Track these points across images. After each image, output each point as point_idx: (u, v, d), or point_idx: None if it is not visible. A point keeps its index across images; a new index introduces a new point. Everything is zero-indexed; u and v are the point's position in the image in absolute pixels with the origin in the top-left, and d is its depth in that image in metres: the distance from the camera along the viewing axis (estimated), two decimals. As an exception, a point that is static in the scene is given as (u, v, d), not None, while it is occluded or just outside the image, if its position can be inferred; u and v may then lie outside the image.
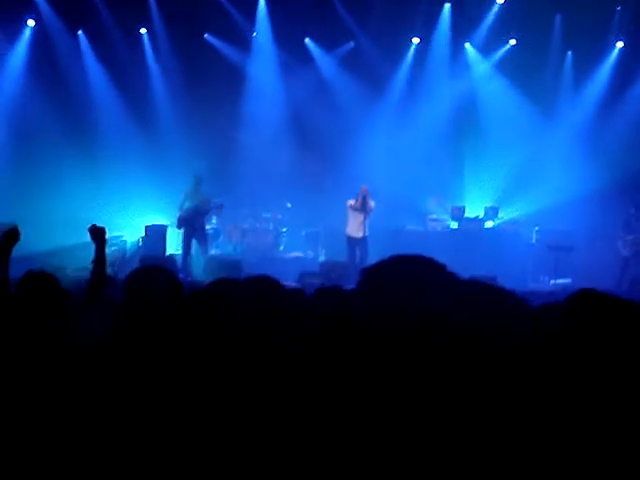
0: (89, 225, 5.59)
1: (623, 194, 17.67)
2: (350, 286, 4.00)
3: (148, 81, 20.02)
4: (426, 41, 19.92)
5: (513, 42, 19.76)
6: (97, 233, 5.50)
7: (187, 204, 16.81)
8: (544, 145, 19.40)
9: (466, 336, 2.43)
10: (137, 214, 19.21)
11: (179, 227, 16.88)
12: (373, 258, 15.73)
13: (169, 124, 19.75)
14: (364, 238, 16.60)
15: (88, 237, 5.56)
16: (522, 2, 18.90)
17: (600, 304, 2.67)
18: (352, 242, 16.63)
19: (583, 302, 2.71)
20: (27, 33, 19.06)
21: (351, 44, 20.15)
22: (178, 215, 16.84)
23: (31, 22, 18.99)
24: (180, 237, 16.97)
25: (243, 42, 19.93)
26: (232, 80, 19.88)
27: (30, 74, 18.86)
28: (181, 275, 14.95)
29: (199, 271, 16.12)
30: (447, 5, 19.66)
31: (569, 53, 19.82)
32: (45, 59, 18.86)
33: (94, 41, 19.42)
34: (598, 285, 11.24)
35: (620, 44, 19.47)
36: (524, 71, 19.36)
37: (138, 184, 18.94)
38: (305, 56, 20.17)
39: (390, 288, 2.48)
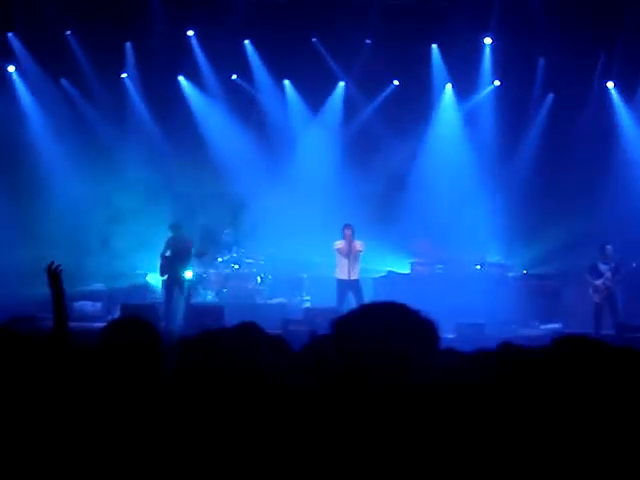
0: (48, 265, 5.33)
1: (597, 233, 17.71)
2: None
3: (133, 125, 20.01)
4: (413, 83, 19.95)
5: (497, 83, 19.85)
6: (54, 276, 5.24)
7: (168, 251, 16.64)
8: (526, 187, 19.43)
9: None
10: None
11: (161, 275, 16.74)
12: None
13: (152, 169, 19.63)
14: (356, 281, 16.31)
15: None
16: (507, 44, 19.00)
17: (587, 349, 2.73)
18: (342, 285, 16.29)
19: (569, 347, 2.78)
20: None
21: (339, 85, 20.24)
22: (160, 263, 16.69)
23: (11, 68, 19.19)
24: (162, 285, 16.85)
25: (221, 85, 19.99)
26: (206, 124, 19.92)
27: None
28: (163, 324, 14.78)
29: (180, 320, 15.96)
30: (434, 46, 19.69)
31: (550, 95, 19.87)
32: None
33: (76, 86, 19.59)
34: (587, 329, 11.21)
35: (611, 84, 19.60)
36: (509, 112, 19.46)
37: (122, 229, 18.84)
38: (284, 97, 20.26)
39: (356, 338, 2.47)
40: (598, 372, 2.67)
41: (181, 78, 20.05)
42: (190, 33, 19.56)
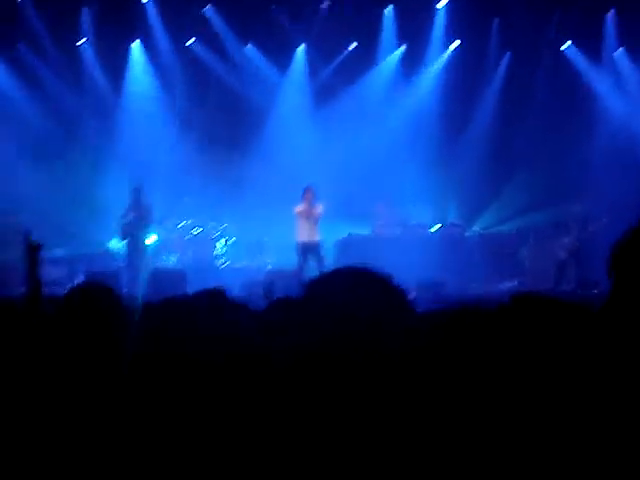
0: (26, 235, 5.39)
1: (565, 193, 17.87)
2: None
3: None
4: (372, 46, 19.95)
5: (457, 43, 19.90)
6: (32, 251, 5.30)
7: (129, 216, 16.58)
8: (483, 147, 19.51)
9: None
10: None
11: (123, 239, 16.70)
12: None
13: (106, 133, 19.52)
14: (317, 243, 16.32)
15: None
16: (462, 5, 19.01)
17: (540, 308, 2.71)
18: (303, 248, 16.27)
19: (522, 306, 2.76)
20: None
21: (296, 49, 20.16)
22: (120, 227, 16.64)
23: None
24: (124, 250, 16.81)
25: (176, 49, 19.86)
26: (172, 84, 19.87)
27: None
28: (125, 290, 14.77)
29: (143, 285, 15.92)
30: (389, 7, 19.66)
31: (508, 54, 19.97)
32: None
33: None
34: (544, 286, 11.32)
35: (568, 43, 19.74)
36: (468, 73, 19.54)
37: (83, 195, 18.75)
38: (249, 62, 20.17)
39: (329, 301, 2.45)
40: (545, 331, 2.71)
41: (135, 45, 19.88)
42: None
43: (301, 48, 20.17)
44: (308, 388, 2.35)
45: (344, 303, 2.40)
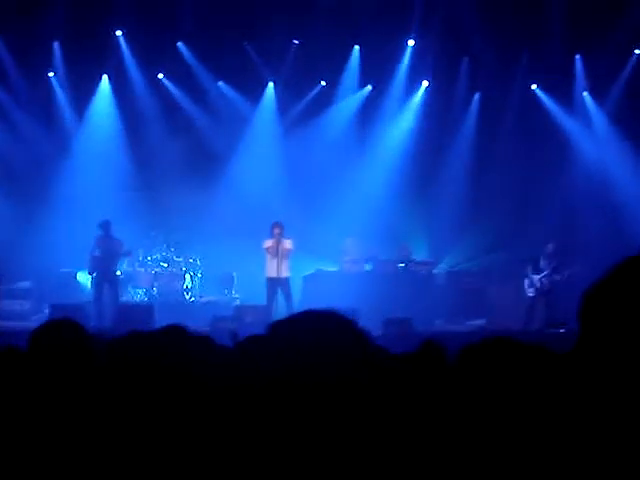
0: None
1: (534, 231, 17.99)
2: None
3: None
4: (339, 85, 20.16)
5: (426, 84, 20.07)
6: None
7: (98, 250, 16.52)
8: (451, 186, 19.64)
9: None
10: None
11: (90, 273, 16.65)
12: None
13: (80, 167, 19.46)
14: (285, 279, 16.33)
15: None
16: (431, 45, 19.23)
17: (510, 352, 2.71)
18: (272, 284, 16.29)
19: (490, 350, 2.76)
20: None
21: (267, 86, 20.29)
22: (89, 261, 16.59)
23: None
24: (91, 283, 16.73)
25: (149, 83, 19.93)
26: (140, 117, 19.86)
27: None
28: (92, 324, 14.68)
29: (110, 319, 15.83)
30: (356, 47, 19.84)
31: (477, 95, 20.17)
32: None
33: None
34: (511, 325, 11.38)
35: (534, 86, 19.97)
36: (436, 112, 19.73)
37: (44, 228, 18.65)
38: (220, 97, 20.24)
39: (293, 342, 2.45)
40: (510, 374, 2.73)
41: (104, 78, 19.92)
42: (119, 33, 19.48)
43: (270, 85, 20.26)
44: (268, 420, 2.36)
45: (308, 343, 2.41)
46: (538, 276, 16.78)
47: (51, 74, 19.69)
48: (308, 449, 2.30)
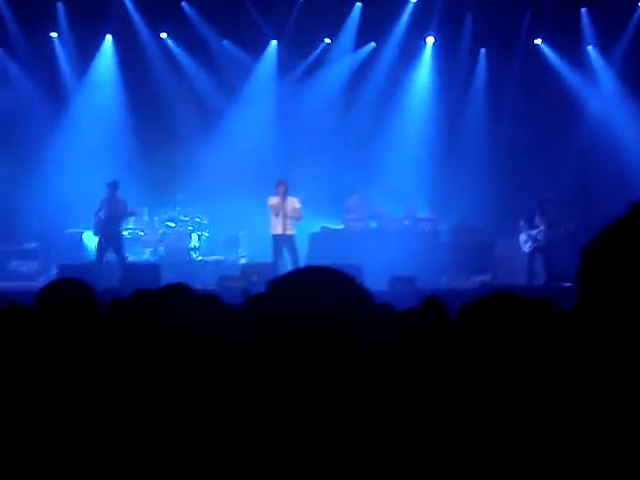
0: None
1: (535, 187, 17.99)
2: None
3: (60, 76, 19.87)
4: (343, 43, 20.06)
5: (431, 40, 19.95)
6: None
7: (103, 211, 16.55)
8: (456, 142, 19.59)
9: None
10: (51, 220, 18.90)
11: (95, 234, 16.68)
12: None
13: (83, 127, 19.42)
14: (291, 237, 16.28)
15: None
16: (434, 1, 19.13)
17: (510, 307, 2.71)
18: (278, 241, 16.27)
19: (494, 306, 2.75)
20: None
21: (273, 44, 20.17)
22: (94, 222, 16.62)
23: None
24: (97, 244, 16.76)
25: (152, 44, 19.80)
26: (145, 79, 19.76)
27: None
28: (100, 284, 14.72)
29: (116, 279, 15.89)
30: (358, 4, 19.71)
31: (482, 50, 20.05)
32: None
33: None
34: (515, 281, 11.42)
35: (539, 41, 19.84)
36: (443, 69, 19.65)
37: (53, 190, 18.66)
38: (225, 57, 20.13)
39: (290, 301, 2.46)
40: (512, 327, 2.71)
41: (108, 38, 19.84)
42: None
43: (273, 43, 20.16)
44: (270, 378, 2.38)
45: (307, 299, 2.42)
46: (534, 232, 16.77)
47: (54, 34, 19.60)
48: (310, 408, 2.31)
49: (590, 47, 19.83)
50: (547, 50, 19.94)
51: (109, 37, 19.80)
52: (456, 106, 19.94)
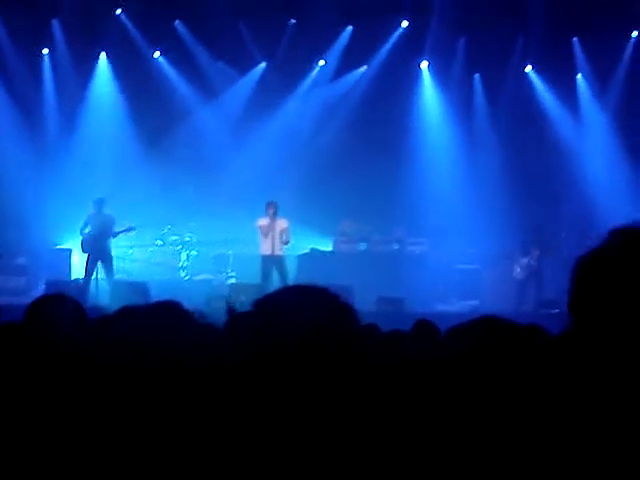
0: None
1: (526, 214, 18.07)
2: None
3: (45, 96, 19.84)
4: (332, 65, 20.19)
5: (425, 64, 20.09)
6: None
7: (90, 228, 16.49)
8: (452, 165, 19.65)
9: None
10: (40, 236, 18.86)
11: (83, 251, 16.62)
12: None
13: (67, 143, 19.44)
14: (280, 258, 16.37)
15: None
16: (426, 25, 19.24)
17: (500, 331, 2.71)
18: (267, 262, 16.37)
19: (483, 329, 2.75)
20: None
21: (261, 66, 20.24)
22: (81, 239, 16.56)
23: None
24: (85, 261, 16.71)
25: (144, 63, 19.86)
26: (138, 97, 19.76)
27: None
28: (88, 301, 14.70)
29: (105, 297, 15.85)
30: (348, 27, 19.83)
31: (476, 76, 20.15)
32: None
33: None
34: (504, 306, 11.42)
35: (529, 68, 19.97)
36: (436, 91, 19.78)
37: (42, 206, 18.63)
38: (221, 79, 20.21)
39: (275, 320, 2.45)
40: (505, 353, 2.71)
41: (102, 56, 19.89)
42: (118, 11, 19.46)
43: (262, 65, 20.29)
44: (253, 397, 2.38)
45: (291, 320, 2.41)
46: (526, 258, 16.90)
47: (45, 51, 19.62)
48: (293, 425, 2.30)
49: (579, 76, 19.96)
50: (536, 78, 20.05)
51: (103, 55, 19.83)
52: (454, 131, 19.96)
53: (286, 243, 16.41)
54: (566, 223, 18.47)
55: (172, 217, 18.97)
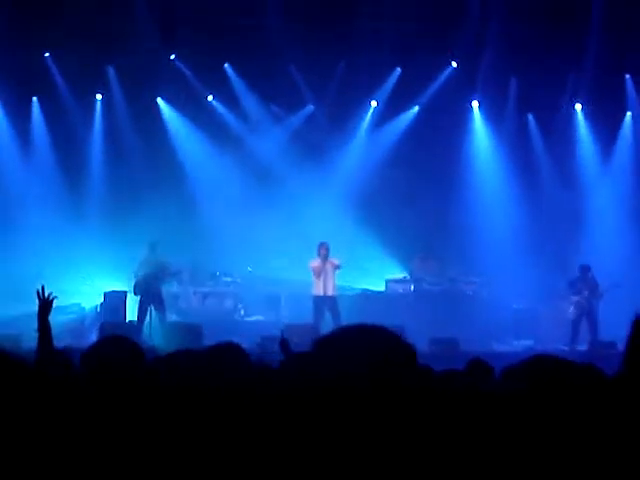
0: (38, 288, 5.51)
1: (576, 253, 17.95)
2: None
3: (103, 145, 20.03)
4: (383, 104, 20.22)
5: (476, 104, 20.05)
6: (43, 301, 5.40)
7: (143, 270, 16.61)
8: (505, 203, 19.56)
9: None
10: (95, 280, 19.02)
11: (135, 294, 16.71)
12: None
13: (123, 187, 19.60)
14: (332, 297, 16.47)
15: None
16: (476, 65, 19.26)
17: (555, 369, 2.73)
18: (319, 302, 16.46)
19: (538, 367, 2.78)
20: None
21: (310, 108, 20.33)
22: (134, 282, 16.68)
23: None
24: (138, 304, 16.80)
25: (197, 106, 20.02)
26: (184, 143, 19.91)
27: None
28: (143, 342, 14.78)
29: (158, 338, 15.91)
30: (397, 69, 19.91)
31: (530, 116, 20.07)
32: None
33: (48, 107, 19.55)
34: (558, 345, 11.26)
35: (579, 106, 19.86)
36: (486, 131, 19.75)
37: (95, 249, 18.81)
38: (263, 120, 20.30)
39: (339, 360, 2.44)
40: (562, 393, 2.69)
41: (160, 100, 20.14)
42: (172, 57, 19.69)
43: (310, 108, 20.39)
44: (315, 438, 2.36)
45: (353, 358, 2.42)
46: (577, 297, 16.82)
47: (99, 96, 19.93)
48: (354, 460, 2.30)
49: (629, 114, 19.87)
50: (581, 117, 19.98)
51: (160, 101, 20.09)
52: (508, 169, 19.87)
53: (338, 267, 16.49)
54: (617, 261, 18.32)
55: (225, 260, 19.04)
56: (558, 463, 2.35)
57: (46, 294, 5.52)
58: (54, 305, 5.48)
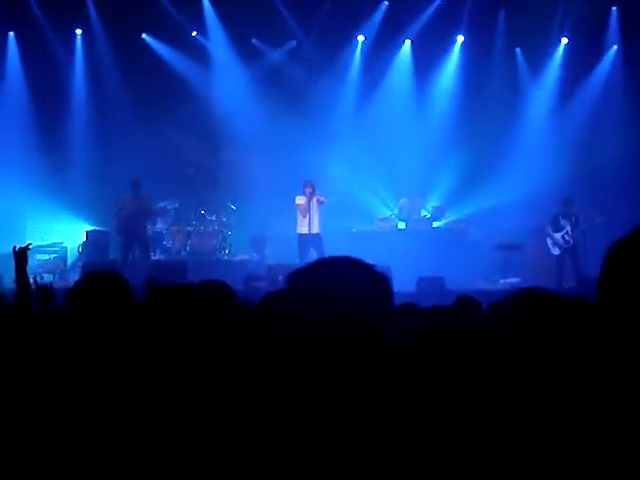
0: (14, 246, 5.87)
1: (572, 190, 17.91)
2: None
3: (85, 83, 19.78)
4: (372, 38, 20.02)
5: (461, 39, 19.87)
6: (19, 255, 5.75)
7: (125, 210, 16.44)
8: (492, 143, 19.43)
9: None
10: (77, 220, 18.94)
11: (118, 234, 16.58)
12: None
13: (107, 126, 19.42)
14: (317, 235, 16.49)
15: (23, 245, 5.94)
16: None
17: (544, 302, 2.75)
18: (304, 240, 16.44)
19: (528, 300, 2.76)
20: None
21: (294, 43, 20.10)
22: (115, 221, 16.55)
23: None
24: (121, 243, 16.70)
25: (182, 42, 19.73)
26: (171, 80, 19.61)
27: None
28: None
29: (142, 276, 15.88)
30: (385, 2, 19.69)
31: (518, 50, 19.92)
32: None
33: (25, 43, 19.25)
34: (545, 283, 11.28)
35: (565, 40, 19.68)
36: (474, 69, 19.54)
37: (76, 190, 18.69)
38: (249, 56, 20.03)
39: (312, 291, 2.39)
40: (552, 324, 2.70)
41: (145, 35, 19.82)
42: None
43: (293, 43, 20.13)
44: (287, 374, 2.35)
45: (329, 292, 2.36)
46: (560, 234, 16.73)
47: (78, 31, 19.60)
48: (329, 406, 2.26)
49: (615, 47, 19.70)
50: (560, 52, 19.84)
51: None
52: (494, 106, 19.73)
53: (322, 203, 16.55)
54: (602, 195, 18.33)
55: (208, 199, 18.97)
56: (548, 392, 2.32)
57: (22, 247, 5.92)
58: (35, 245, 5.73)
